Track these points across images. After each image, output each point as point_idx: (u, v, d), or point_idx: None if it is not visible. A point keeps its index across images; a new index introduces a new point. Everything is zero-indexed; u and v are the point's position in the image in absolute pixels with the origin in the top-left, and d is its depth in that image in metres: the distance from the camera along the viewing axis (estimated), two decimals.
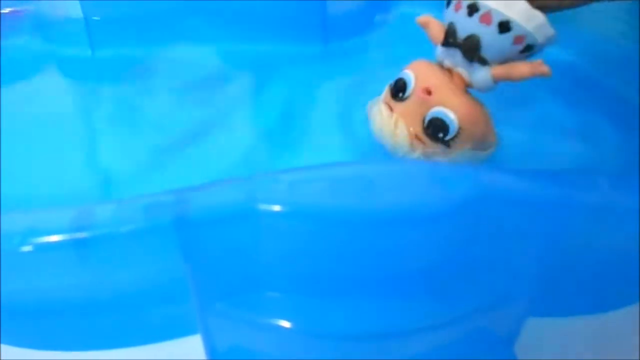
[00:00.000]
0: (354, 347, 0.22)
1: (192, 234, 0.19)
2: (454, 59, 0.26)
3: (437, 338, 0.22)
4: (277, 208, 0.19)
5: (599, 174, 0.19)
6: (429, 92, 0.25)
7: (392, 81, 0.27)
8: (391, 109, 0.26)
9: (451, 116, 0.24)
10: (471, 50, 0.25)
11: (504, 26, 0.24)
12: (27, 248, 0.18)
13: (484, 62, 0.25)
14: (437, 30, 0.27)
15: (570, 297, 0.22)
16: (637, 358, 0.24)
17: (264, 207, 0.19)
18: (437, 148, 0.25)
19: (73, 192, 0.29)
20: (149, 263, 0.20)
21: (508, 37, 0.24)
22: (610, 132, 0.29)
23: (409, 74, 0.26)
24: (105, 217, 0.18)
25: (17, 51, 0.41)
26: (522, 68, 0.24)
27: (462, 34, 0.25)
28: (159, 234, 0.19)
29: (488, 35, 0.24)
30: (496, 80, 0.25)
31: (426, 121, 0.25)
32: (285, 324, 0.21)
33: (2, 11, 0.42)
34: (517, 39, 0.24)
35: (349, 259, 0.20)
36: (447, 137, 0.24)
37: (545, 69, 0.24)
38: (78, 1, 0.39)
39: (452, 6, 0.26)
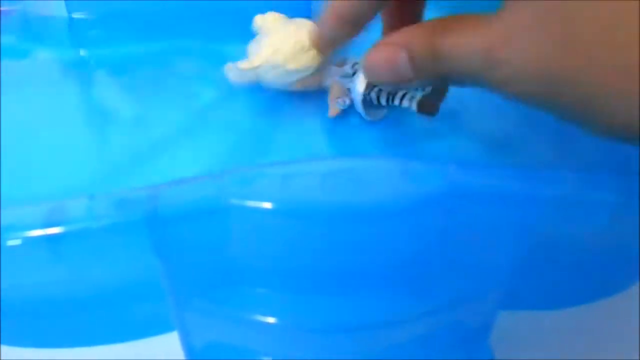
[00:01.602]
0: (331, 340, 0.22)
1: (164, 230, 0.19)
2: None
3: (411, 331, 0.22)
4: (249, 203, 0.19)
5: (567, 169, 0.19)
6: None
7: None
8: None
9: None
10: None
11: None
12: (2, 245, 0.18)
13: None
14: None
15: (543, 290, 0.23)
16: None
17: (235, 202, 0.19)
18: None
19: (55, 192, 0.29)
20: (123, 259, 0.21)
21: None
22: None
23: None
24: (77, 213, 0.19)
25: (3, 51, 0.41)
26: None
27: None
28: (131, 229, 0.19)
29: None
30: None
31: None
32: (264, 318, 0.21)
33: None
34: None
35: (322, 254, 0.21)
36: None
37: None
38: (63, 0, 0.39)
39: None
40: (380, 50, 0.23)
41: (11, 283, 0.22)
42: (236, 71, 0.32)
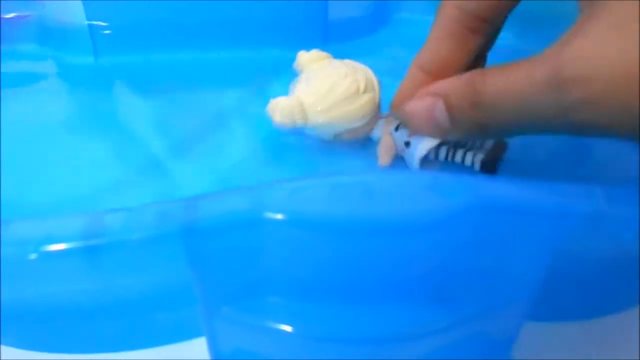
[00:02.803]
0: (356, 351, 0.23)
1: (199, 241, 0.19)
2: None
3: (435, 343, 0.23)
4: (283, 216, 0.19)
5: (595, 184, 0.19)
6: None
7: None
8: None
9: None
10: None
11: None
12: (40, 255, 0.18)
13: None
14: None
15: (568, 302, 0.23)
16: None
17: (270, 215, 0.19)
18: None
19: (75, 199, 0.30)
20: (156, 269, 0.21)
21: None
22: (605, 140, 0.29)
23: None
24: (115, 225, 0.19)
25: (20, 57, 0.41)
26: None
27: None
28: (168, 241, 0.19)
29: None
30: None
31: None
32: (290, 328, 0.22)
33: (6, 16, 0.42)
34: None
35: (351, 266, 0.21)
36: None
37: None
38: (82, 8, 0.39)
39: None
40: (419, 100, 0.23)
41: (43, 292, 0.22)
42: (284, 111, 0.28)
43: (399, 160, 0.28)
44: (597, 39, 0.17)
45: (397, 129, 0.27)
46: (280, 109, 0.28)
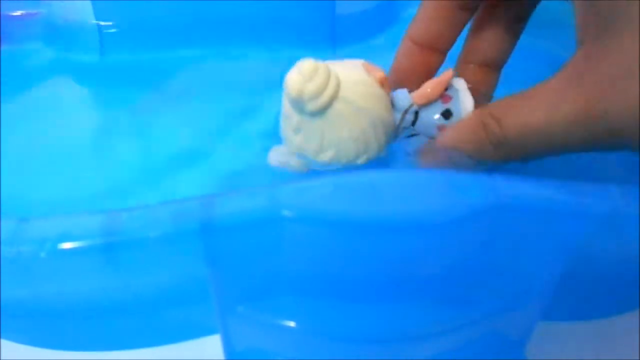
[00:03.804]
0: (368, 350, 0.23)
1: (215, 239, 0.19)
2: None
3: (448, 342, 0.23)
4: (298, 214, 0.19)
5: (611, 183, 0.19)
6: None
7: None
8: None
9: None
10: None
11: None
12: (57, 253, 0.18)
13: None
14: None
15: (583, 301, 0.23)
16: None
17: (286, 213, 0.19)
18: None
19: (79, 198, 0.30)
20: (172, 267, 0.21)
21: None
22: None
23: None
24: (133, 223, 0.19)
25: (27, 55, 0.41)
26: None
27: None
28: (184, 239, 0.19)
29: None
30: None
31: None
32: (305, 327, 0.22)
33: (13, 14, 0.42)
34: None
35: (366, 265, 0.21)
36: None
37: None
38: (90, 6, 0.39)
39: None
40: (430, 159, 0.24)
41: (60, 290, 0.22)
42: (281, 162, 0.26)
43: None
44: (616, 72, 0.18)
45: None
46: (276, 157, 0.27)
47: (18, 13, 0.42)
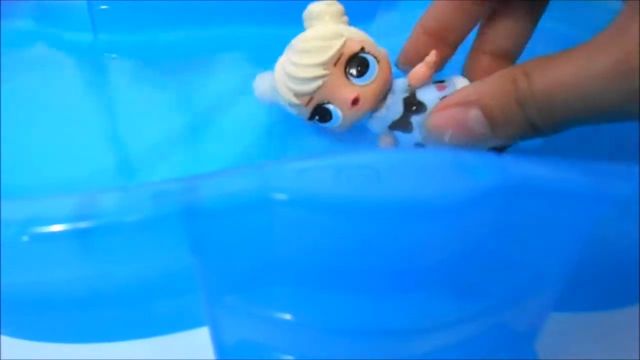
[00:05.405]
0: (366, 342, 0.21)
1: (200, 224, 0.18)
2: None
3: (455, 335, 0.21)
4: (289, 197, 0.18)
5: (633, 164, 0.18)
6: None
7: None
8: None
9: None
10: None
11: None
12: (27, 237, 0.17)
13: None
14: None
15: (597, 291, 0.21)
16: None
17: (276, 196, 0.18)
18: None
19: (72, 180, 0.29)
20: (154, 254, 0.20)
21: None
22: None
23: None
24: (109, 206, 0.17)
25: (18, 34, 0.40)
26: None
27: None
28: (166, 223, 0.18)
29: None
30: None
31: None
32: (298, 318, 0.20)
33: None
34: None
35: (363, 253, 0.19)
36: None
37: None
38: None
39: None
40: (443, 111, 0.22)
41: (33, 279, 0.21)
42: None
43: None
44: None
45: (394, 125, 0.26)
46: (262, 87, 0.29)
47: None
